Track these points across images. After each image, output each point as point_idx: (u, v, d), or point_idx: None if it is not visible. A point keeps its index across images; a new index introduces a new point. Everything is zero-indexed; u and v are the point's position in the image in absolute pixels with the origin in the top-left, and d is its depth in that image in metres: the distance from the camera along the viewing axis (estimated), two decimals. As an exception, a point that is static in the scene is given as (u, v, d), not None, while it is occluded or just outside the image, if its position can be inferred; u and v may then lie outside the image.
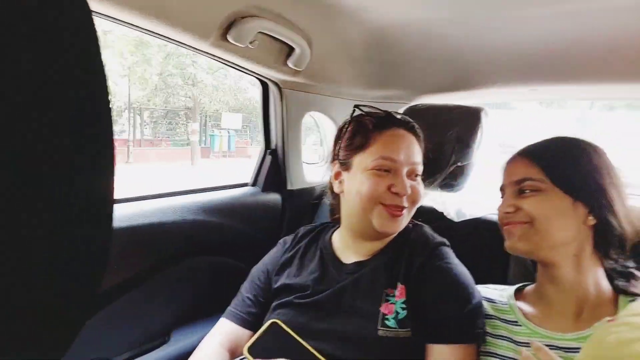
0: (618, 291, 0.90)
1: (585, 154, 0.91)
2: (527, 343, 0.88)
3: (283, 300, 1.03)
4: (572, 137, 0.96)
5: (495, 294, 1.02)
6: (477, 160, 1.31)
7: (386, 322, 0.91)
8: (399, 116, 1.06)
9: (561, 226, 0.88)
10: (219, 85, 15.25)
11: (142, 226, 1.14)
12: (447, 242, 1.03)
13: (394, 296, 0.94)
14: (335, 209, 1.14)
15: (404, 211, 0.97)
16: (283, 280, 1.06)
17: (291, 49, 1.29)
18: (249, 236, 1.47)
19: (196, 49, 1.14)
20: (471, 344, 0.91)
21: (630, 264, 0.93)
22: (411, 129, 1.03)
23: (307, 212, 1.66)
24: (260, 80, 1.47)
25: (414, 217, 1.05)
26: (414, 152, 1.01)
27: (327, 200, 1.61)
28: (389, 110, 1.07)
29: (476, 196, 1.37)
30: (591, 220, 0.88)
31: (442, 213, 1.35)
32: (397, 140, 1.00)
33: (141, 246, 1.16)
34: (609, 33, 1.06)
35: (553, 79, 1.34)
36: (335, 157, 1.08)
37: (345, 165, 1.04)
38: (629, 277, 0.91)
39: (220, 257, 1.39)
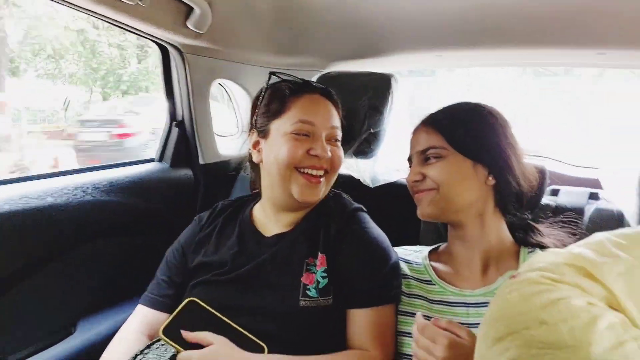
0: (519, 243, 0.97)
1: (483, 117, 0.96)
2: (440, 301, 0.93)
3: (201, 278, 0.99)
4: (471, 102, 1.01)
5: (411, 255, 1.06)
6: (390, 127, 1.33)
7: (307, 292, 0.91)
8: (313, 83, 1.05)
9: (464, 189, 0.92)
10: None
11: (26, 210, 1.01)
12: (364, 208, 1.05)
13: (314, 265, 0.94)
14: (255, 182, 1.11)
15: (323, 179, 0.96)
16: (200, 258, 1.02)
17: (190, 9, 1.20)
18: (160, 215, 1.38)
19: (83, 8, 1.01)
20: (390, 305, 0.94)
21: (527, 216, 1.01)
22: (328, 95, 1.03)
23: (223, 187, 1.58)
24: (159, 45, 1.35)
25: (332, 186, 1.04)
26: (332, 117, 1.00)
27: (246, 173, 1.57)
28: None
29: (389, 161, 1.40)
30: (491, 181, 0.93)
31: (358, 180, 1.36)
32: (315, 105, 0.99)
33: (28, 233, 1.04)
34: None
35: (456, 45, 1.39)
36: (252, 125, 1.05)
37: (263, 133, 1.01)
38: (527, 228, 1.00)
39: (128, 239, 1.30)
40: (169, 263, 1.07)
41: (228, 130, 1.77)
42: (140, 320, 1.01)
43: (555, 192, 1.22)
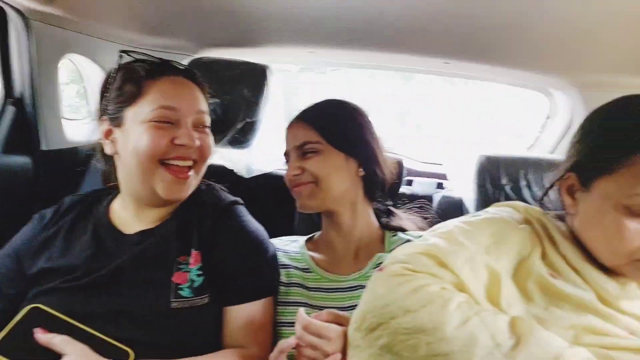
0: (383, 227, 1.08)
1: (352, 115, 1.06)
2: (318, 288, 0.97)
3: (45, 287, 0.85)
4: (340, 100, 1.09)
5: (288, 245, 1.08)
6: (265, 117, 1.33)
7: (180, 292, 0.84)
8: (175, 63, 0.96)
9: (339, 181, 1.00)
10: None
11: None
12: (240, 200, 1.01)
13: (187, 264, 0.87)
14: (109, 175, 0.99)
15: (191, 172, 0.89)
16: (43, 263, 0.88)
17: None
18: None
19: None
20: (267, 299, 0.93)
21: (389, 202, 1.13)
22: (191, 77, 0.94)
23: (71, 179, 1.38)
24: (-5, 5, 1.11)
25: (204, 177, 0.99)
26: (198, 101, 0.92)
27: (98, 164, 1.39)
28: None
29: (265, 152, 1.40)
30: (361, 172, 1.03)
31: (232, 170, 1.33)
32: (177, 88, 0.90)
33: None
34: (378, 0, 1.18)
35: (328, 43, 1.46)
36: (103, 112, 0.92)
37: (117, 121, 0.89)
38: (389, 214, 1.12)
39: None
40: None
41: (78, 113, 1.55)
42: None
43: (409, 183, 1.38)
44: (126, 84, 0.89)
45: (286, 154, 1.06)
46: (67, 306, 0.81)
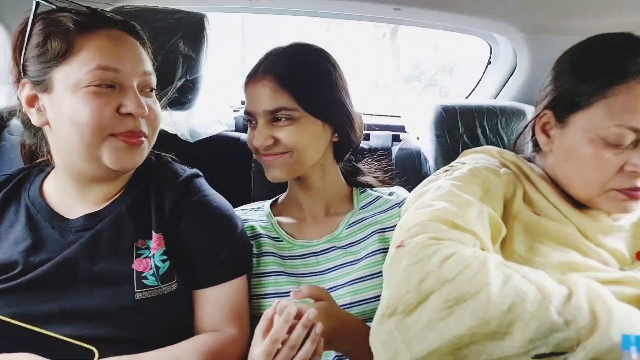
0: (350, 185, 1.03)
1: (328, 71, 0.93)
2: (291, 256, 0.92)
3: None
4: (310, 48, 0.97)
5: (254, 215, 1.00)
6: (206, 73, 1.20)
7: (144, 281, 0.75)
8: (109, 14, 0.81)
9: (315, 150, 0.92)
10: None
11: None
12: (199, 172, 0.91)
13: (147, 248, 0.78)
14: (36, 150, 0.85)
15: (144, 138, 0.78)
16: None
17: None
18: None
19: None
20: (242, 276, 0.86)
21: (352, 158, 1.08)
22: (132, 31, 0.80)
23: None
24: None
25: None
26: (142, 59, 0.79)
27: (13, 134, 1.20)
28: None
29: (208, 112, 1.27)
30: (335, 138, 0.95)
31: (174, 135, 1.20)
32: (117, 44, 0.76)
33: None
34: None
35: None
36: (22, 73, 0.77)
37: (43, 85, 0.74)
38: (354, 170, 1.07)
39: None
40: None
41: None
42: None
43: (367, 137, 1.34)
44: (51, 39, 0.73)
45: (250, 114, 0.92)
46: (11, 308, 0.70)
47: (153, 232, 0.79)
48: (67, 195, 0.81)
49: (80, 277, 0.74)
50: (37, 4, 0.76)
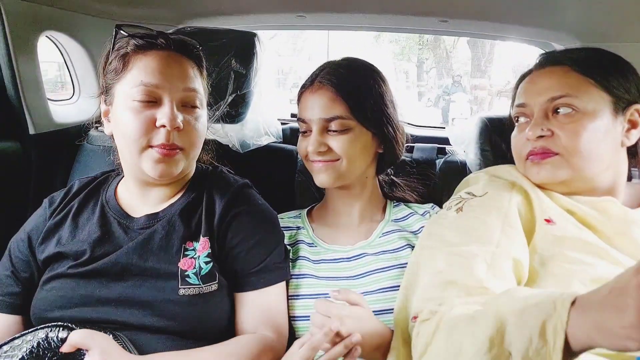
0: (386, 197, 1.06)
1: (378, 85, 0.96)
2: (321, 260, 0.96)
3: (54, 272, 0.84)
4: (363, 63, 1.00)
5: (292, 222, 1.05)
6: (256, 89, 1.27)
7: (187, 279, 0.82)
8: (162, 37, 0.88)
9: (364, 159, 0.96)
10: None
11: None
12: (249, 183, 0.97)
13: (194, 250, 0.85)
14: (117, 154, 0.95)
15: (179, 150, 0.83)
16: (53, 248, 0.86)
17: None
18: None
19: None
20: (280, 283, 0.90)
21: (391, 171, 1.10)
22: (185, 51, 0.87)
23: (63, 161, 1.35)
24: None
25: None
26: (186, 76, 0.85)
27: (90, 143, 1.35)
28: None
29: (257, 124, 1.35)
30: (381, 149, 0.98)
31: (227, 146, 1.28)
32: (163, 63, 0.83)
33: None
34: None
35: (317, 7, 1.39)
36: (102, 90, 0.89)
37: (109, 98, 0.86)
38: (392, 185, 1.09)
39: None
40: (13, 256, 0.89)
41: (62, 94, 1.49)
42: None
43: (410, 149, 1.34)
44: (115, 59, 0.85)
45: (304, 122, 0.96)
46: (80, 291, 0.81)
47: (201, 236, 0.86)
48: (133, 196, 0.91)
49: (133, 270, 0.82)
50: (116, 32, 0.87)
